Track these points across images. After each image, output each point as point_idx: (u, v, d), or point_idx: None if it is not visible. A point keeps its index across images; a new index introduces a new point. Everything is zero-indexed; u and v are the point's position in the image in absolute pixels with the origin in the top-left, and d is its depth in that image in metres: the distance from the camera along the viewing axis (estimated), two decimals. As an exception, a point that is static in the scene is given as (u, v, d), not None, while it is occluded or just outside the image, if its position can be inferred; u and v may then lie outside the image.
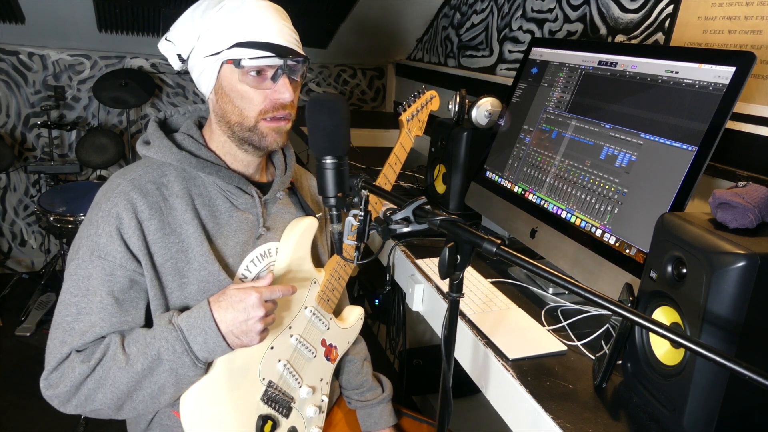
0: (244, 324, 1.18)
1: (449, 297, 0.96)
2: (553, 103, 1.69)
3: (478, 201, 1.95)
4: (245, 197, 1.35)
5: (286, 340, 1.39)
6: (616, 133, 1.43)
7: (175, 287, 1.25)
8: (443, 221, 0.93)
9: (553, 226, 1.55)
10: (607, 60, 1.54)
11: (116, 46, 3.88)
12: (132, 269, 1.21)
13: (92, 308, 1.19)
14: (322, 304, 1.48)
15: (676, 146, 1.27)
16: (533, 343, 1.30)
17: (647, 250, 1.25)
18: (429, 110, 1.90)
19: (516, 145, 1.80)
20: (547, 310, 1.47)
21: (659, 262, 1.06)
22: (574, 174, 1.53)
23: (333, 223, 1.11)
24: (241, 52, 1.22)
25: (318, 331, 1.48)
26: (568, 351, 1.29)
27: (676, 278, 1.02)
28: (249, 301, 1.18)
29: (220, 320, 1.18)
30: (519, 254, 0.83)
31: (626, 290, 1.16)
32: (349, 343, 1.60)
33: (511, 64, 2.82)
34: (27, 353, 3.33)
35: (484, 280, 1.60)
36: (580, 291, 0.75)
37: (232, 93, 1.27)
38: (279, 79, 1.26)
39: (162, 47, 1.32)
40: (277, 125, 1.30)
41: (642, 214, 1.31)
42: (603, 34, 2.17)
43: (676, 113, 1.30)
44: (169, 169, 1.30)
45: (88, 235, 1.22)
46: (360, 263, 1.15)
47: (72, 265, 1.22)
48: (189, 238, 1.25)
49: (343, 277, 1.55)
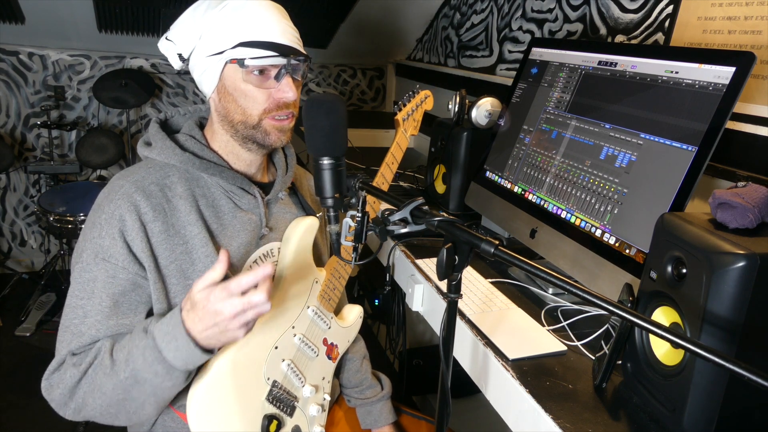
0: (215, 327, 1.07)
1: (447, 298, 0.96)
2: (553, 103, 1.69)
3: (478, 201, 1.95)
4: (248, 197, 1.35)
5: (289, 339, 1.39)
6: (616, 133, 1.43)
7: (180, 290, 1.25)
8: (441, 222, 0.93)
9: (553, 226, 1.55)
10: (607, 60, 1.53)
11: (116, 46, 3.88)
12: (134, 272, 1.21)
13: (92, 311, 1.19)
14: (323, 303, 1.49)
15: (676, 146, 1.27)
16: (533, 343, 1.30)
17: (647, 250, 1.25)
18: (424, 109, 1.90)
19: (516, 145, 1.80)
20: (547, 310, 1.47)
21: (659, 262, 1.05)
22: (574, 174, 1.53)
23: (330, 224, 1.11)
24: (245, 52, 1.22)
25: (320, 330, 1.48)
26: (568, 351, 1.29)
27: (676, 278, 1.01)
28: (212, 304, 1.05)
29: (191, 327, 1.08)
30: (517, 255, 0.83)
31: (626, 290, 1.16)
32: (349, 342, 1.60)
33: (511, 64, 2.82)
34: (27, 353, 3.33)
35: (483, 280, 1.60)
36: (579, 292, 0.75)
37: (235, 92, 1.27)
38: (282, 79, 1.26)
39: (162, 46, 1.31)
40: (280, 124, 1.30)
41: (642, 214, 1.30)
42: (603, 34, 2.17)
43: (676, 113, 1.29)
44: (172, 170, 1.30)
45: (92, 238, 1.22)
46: (358, 264, 1.14)
47: (77, 268, 1.22)
48: (193, 240, 1.25)
49: (343, 276, 1.55)
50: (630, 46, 1.50)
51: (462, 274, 0.94)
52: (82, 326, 1.19)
